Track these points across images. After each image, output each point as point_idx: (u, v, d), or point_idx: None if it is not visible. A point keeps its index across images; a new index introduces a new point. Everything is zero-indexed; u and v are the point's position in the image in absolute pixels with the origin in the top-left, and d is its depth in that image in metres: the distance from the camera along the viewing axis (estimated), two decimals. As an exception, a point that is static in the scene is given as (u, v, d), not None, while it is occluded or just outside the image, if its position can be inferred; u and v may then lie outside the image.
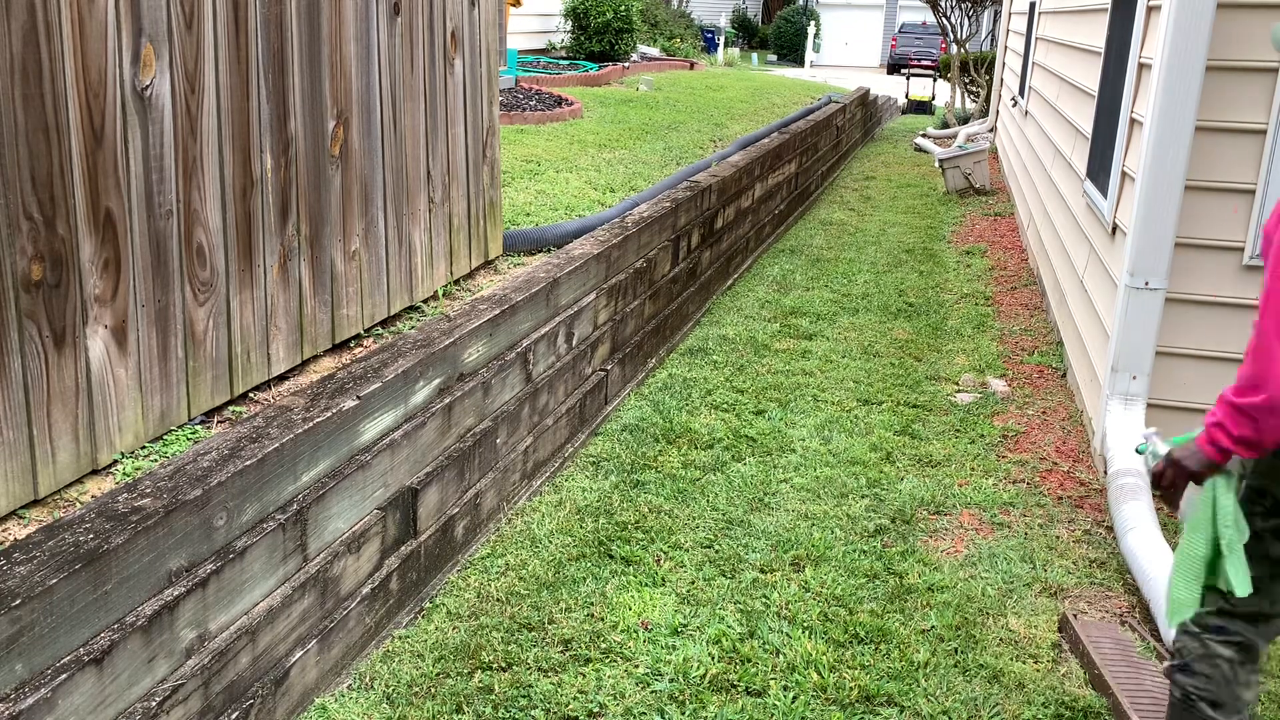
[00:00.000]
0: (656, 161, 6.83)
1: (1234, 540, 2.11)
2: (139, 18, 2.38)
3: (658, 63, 14.34)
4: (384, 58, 3.34)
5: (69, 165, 2.23)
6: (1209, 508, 2.14)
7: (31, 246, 2.16)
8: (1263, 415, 1.99)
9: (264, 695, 2.42)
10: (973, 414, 4.73)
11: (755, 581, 3.28)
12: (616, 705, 2.69)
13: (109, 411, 2.39)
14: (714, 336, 5.69)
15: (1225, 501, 2.12)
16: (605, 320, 4.50)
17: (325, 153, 3.08)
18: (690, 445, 4.28)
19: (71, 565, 1.92)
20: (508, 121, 7.46)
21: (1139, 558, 3.25)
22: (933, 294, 6.74)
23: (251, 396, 2.87)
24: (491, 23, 4.13)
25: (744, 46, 30.17)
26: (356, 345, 3.32)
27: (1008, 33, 12.39)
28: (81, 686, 1.93)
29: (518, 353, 3.66)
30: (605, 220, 4.92)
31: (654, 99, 9.94)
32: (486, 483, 3.47)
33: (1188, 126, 3.69)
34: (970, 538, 3.62)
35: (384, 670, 2.80)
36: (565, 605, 3.11)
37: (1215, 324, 3.91)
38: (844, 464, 4.16)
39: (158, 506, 2.13)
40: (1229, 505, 2.12)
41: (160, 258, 2.50)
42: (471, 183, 4.05)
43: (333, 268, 3.17)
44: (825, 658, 2.89)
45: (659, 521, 3.63)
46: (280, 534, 2.46)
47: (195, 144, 2.58)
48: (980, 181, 10.19)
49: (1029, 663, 2.93)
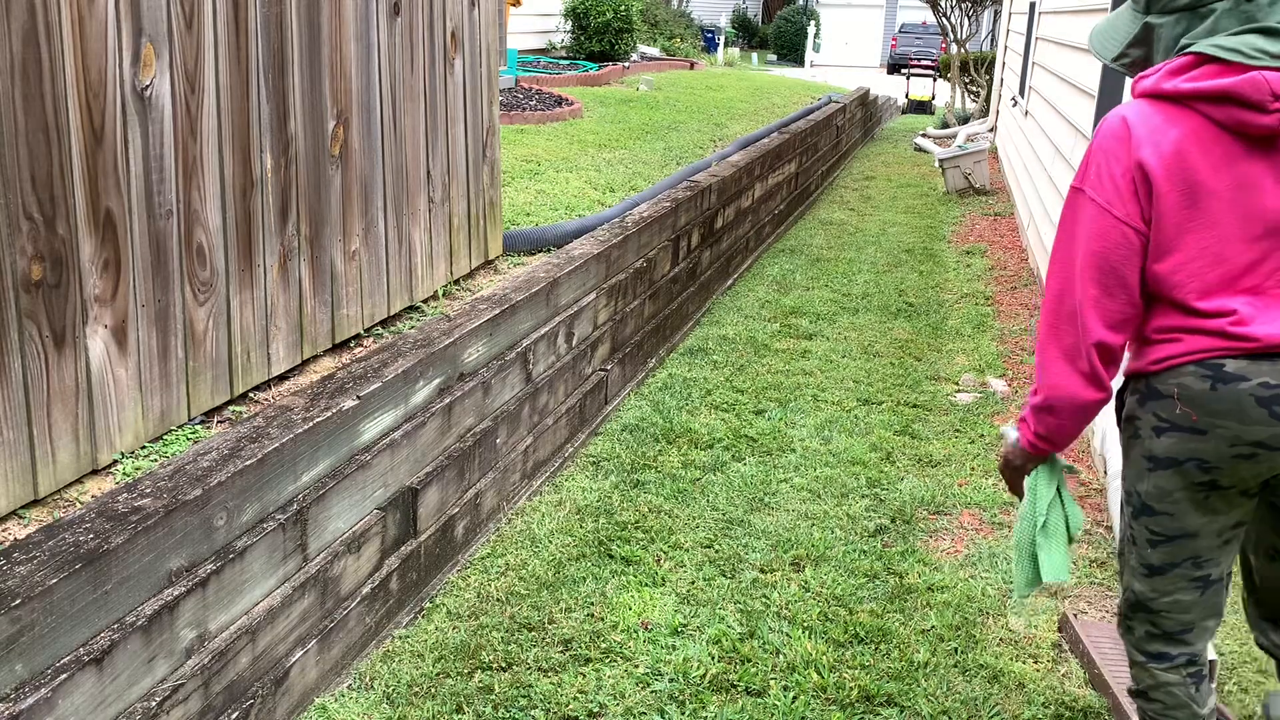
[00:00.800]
0: (656, 161, 6.83)
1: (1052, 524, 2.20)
2: (139, 18, 2.38)
3: (658, 63, 14.34)
4: (384, 57, 3.34)
5: (69, 165, 2.23)
6: (1031, 495, 2.22)
7: (31, 246, 2.16)
8: (1045, 415, 2.07)
9: (264, 695, 2.42)
10: (973, 414, 4.73)
11: (755, 581, 3.28)
12: (616, 705, 2.69)
13: (109, 411, 2.39)
14: (714, 336, 5.70)
15: (1042, 490, 2.21)
16: (605, 320, 4.50)
17: (325, 153, 3.08)
18: (690, 445, 4.28)
19: (71, 565, 1.92)
20: (508, 121, 7.46)
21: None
22: (933, 294, 6.74)
23: (251, 396, 2.87)
24: (491, 22, 4.13)
25: (744, 46, 30.17)
26: (356, 345, 3.32)
27: (1008, 32, 12.39)
28: (81, 686, 1.93)
29: (518, 353, 3.66)
30: (605, 220, 4.92)
31: (654, 99, 9.94)
32: (487, 483, 3.47)
33: (1188, 126, 3.69)
34: (970, 538, 3.62)
35: (384, 670, 2.80)
36: (565, 605, 3.11)
37: (1215, 324, 3.91)
38: (844, 464, 4.16)
39: (158, 506, 2.13)
40: (1046, 494, 2.20)
41: (160, 258, 2.50)
42: (471, 183, 4.05)
43: (333, 268, 3.17)
44: (825, 658, 2.89)
45: (659, 521, 3.63)
46: (280, 534, 2.46)
47: (195, 144, 2.58)
48: (980, 181, 10.19)
49: (1029, 663, 2.93)
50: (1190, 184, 1.89)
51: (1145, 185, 1.91)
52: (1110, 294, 1.96)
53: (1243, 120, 1.86)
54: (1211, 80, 1.87)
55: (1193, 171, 1.89)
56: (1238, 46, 1.87)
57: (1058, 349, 2.02)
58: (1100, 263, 1.95)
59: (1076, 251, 1.98)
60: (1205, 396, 1.92)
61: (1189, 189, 1.90)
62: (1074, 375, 2.00)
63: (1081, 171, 1.99)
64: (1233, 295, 1.92)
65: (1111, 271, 1.95)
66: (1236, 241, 1.91)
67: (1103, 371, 2.00)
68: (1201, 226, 1.91)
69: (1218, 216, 1.90)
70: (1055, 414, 2.05)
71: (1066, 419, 2.05)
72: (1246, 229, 1.90)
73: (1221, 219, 1.90)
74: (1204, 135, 1.89)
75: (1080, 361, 1.99)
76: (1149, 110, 1.93)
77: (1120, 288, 1.96)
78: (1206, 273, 1.92)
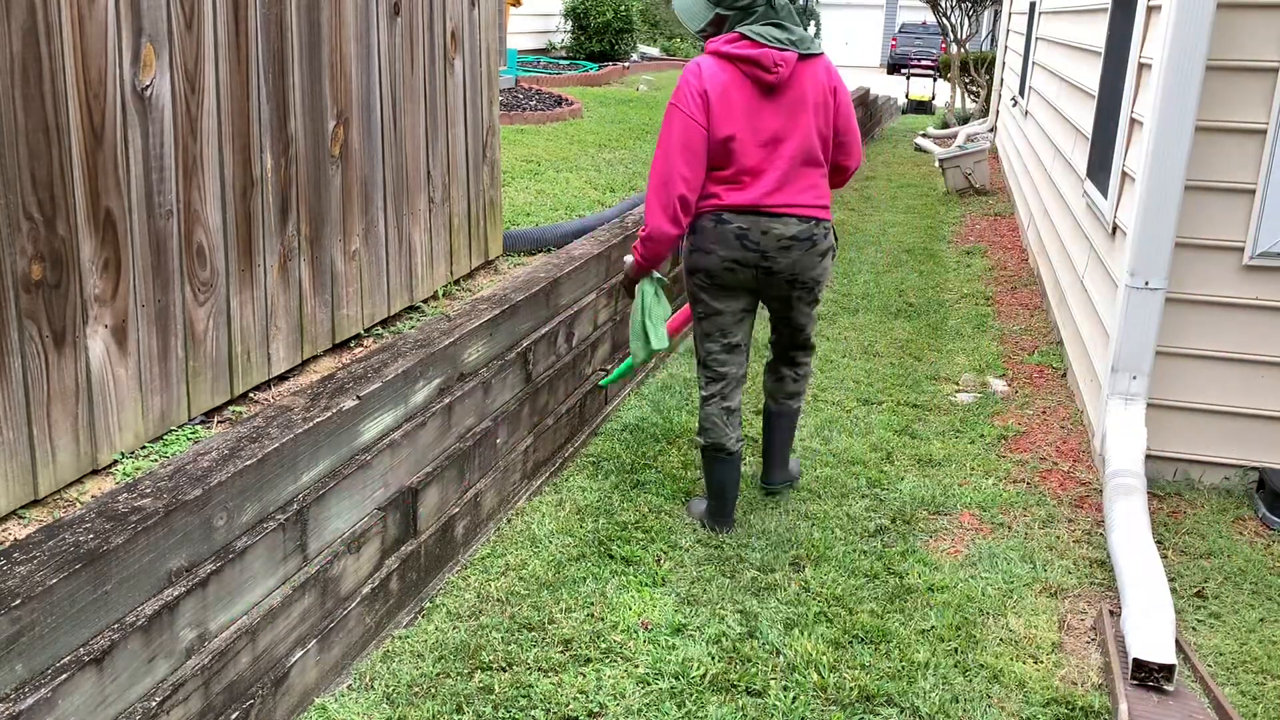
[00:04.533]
0: (656, 161, 6.83)
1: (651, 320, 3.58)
2: (139, 18, 2.38)
3: (658, 63, 14.34)
4: (384, 58, 3.34)
5: (69, 165, 2.23)
6: (640, 297, 3.59)
7: (31, 246, 2.16)
8: (648, 244, 3.32)
9: (264, 695, 2.42)
10: (973, 414, 4.73)
11: (755, 581, 3.28)
12: (617, 705, 2.69)
13: (109, 411, 2.39)
14: (714, 336, 5.69)
15: (647, 291, 3.58)
16: (605, 320, 4.50)
17: (325, 153, 3.08)
18: (690, 445, 4.28)
19: (71, 565, 1.92)
20: (508, 121, 7.46)
21: (1118, 558, 3.25)
22: (933, 294, 6.74)
23: (251, 396, 2.87)
24: (491, 23, 4.13)
25: (744, 46, 30.17)
26: (356, 345, 3.32)
27: (1008, 32, 12.39)
28: (81, 686, 1.93)
29: (518, 353, 3.66)
30: (605, 220, 4.92)
31: (654, 99, 9.94)
32: (487, 483, 3.47)
33: (1188, 126, 3.69)
34: (970, 538, 3.62)
35: (384, 670, 2.80)
36: (565, 605, 3.11)
37: (1215, 324, 3.92)
38: (844, 464, 4.16)
39: (158, 506, 2.13)
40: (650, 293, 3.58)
41: (160, 258, 2.50)
42: (471, 183, 4.05)
43: (333, 268, 3.17)
44: (825, 658, 2.89)
45: (659, 521, 3.63)
46: (280, 534, 2.46)
47: (195, 144, 2.58)
48: (980, 181, 10.19)
49: (1029, 663, 2.93)
50: (729, 105, 3.17)
51: (706, 102, 3.17)
52: (690, 166, 3.18)
53: (758, 76, 3.17)
54: (745, 50, 3.15)
55: (731, 100, 3.17)
56: (761, 33, 3.16)
57: (657, 203, 3.21)
58: (685, 147, 3.18)
59: (672, 142, 3.18)
60: (711, 232, 3.27)
61: (727, 108, 3.17)
62: (665, 219, 3.23)
63: (675, 95, 3.21)
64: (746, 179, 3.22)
65: (693, 152, 3.19)
66: (750, 144, 3.20)
67: (682, 216, 3.23)
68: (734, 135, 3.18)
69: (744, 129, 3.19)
70: (654, 243, 3.30)
71: (661, 246, 3.31)
72: (755, 138, 3.20)
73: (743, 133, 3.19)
74: (738, 80, 3.18)
75: (670, 209, 3.21)
76: (712, 62, 3.20)
77: (698, 162, 3.20)
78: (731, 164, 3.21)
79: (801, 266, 3.30)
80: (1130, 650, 2.79)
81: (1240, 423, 3.97)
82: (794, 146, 3.23)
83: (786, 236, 3.25)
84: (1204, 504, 3.91)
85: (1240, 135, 3.77)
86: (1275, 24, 3.68)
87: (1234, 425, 3.98)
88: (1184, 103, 3.68)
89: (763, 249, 3.25)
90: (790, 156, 3.23)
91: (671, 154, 3.18)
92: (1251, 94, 3.73)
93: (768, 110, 3.19)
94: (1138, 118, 4.09)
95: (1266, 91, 3.71)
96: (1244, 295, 3.87)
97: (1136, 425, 3.88)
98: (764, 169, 3.21)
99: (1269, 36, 3.69)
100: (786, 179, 3.23)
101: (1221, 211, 3.83)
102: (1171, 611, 2.90)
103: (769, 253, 3.25)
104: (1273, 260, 3.80)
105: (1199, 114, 3.70)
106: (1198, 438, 4.03)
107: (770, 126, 3.20)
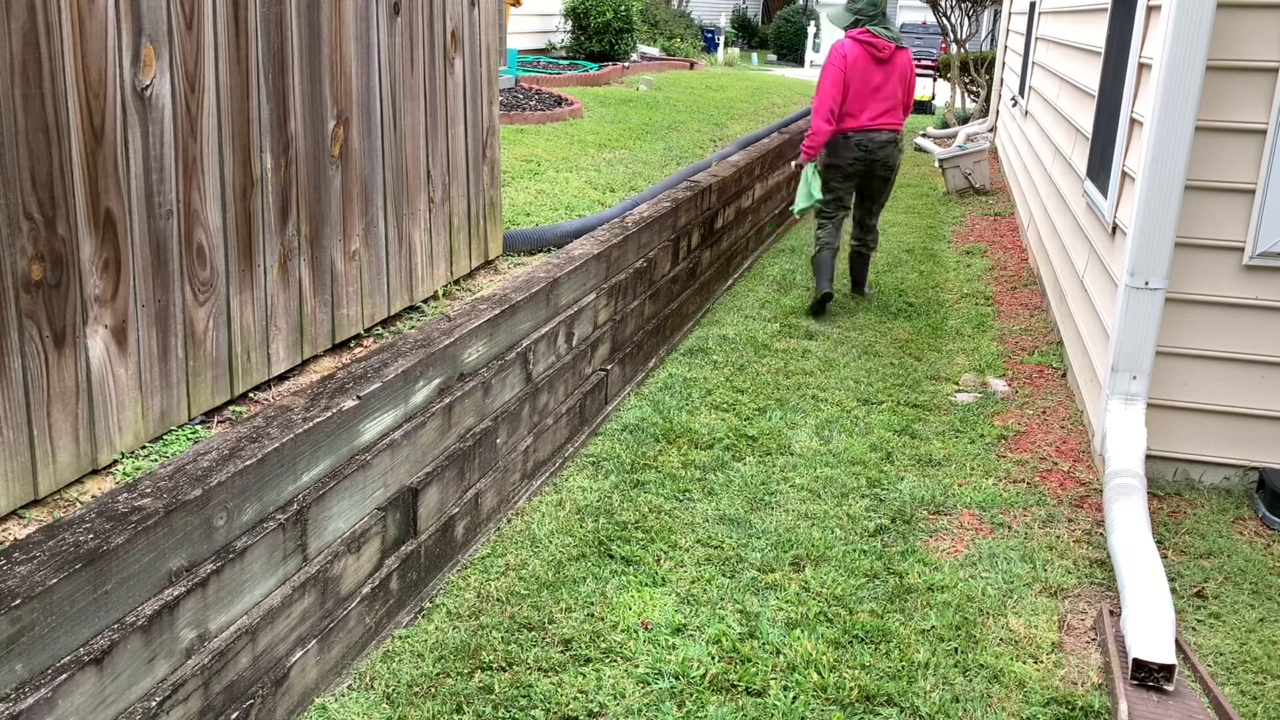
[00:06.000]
0: (656, 161, 6.83)
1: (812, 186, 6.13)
2: (139, 17, 2.38)
3: (658, 63, 14.34)
4: (384, 57, 3.34)
5: (69, 165, 2.23)
6: (805, 176, 6.15)
7: (31, 246, 2.16)
8: (812, 138, 6.03)
9: (264, 695, 2.42)
10: (973, 414, 4.73)
11: (755, 581, 3.28)
12: (617, 705, 2.69)
13: (109, 411, 2.39)
14: (714, 336, 5.70)
15: (809, 170, 6.14)
16: (605, 320, 4.50)
17: (325, 153, 3.08)
18: (690, 445, 4.28)
19: (71, 565, 1.92)
20: (508, 121, 7.46)
21: (1118, 558, 3.25)
22: (933, 294, 6.74)
23: (251, 396, 2.87)
24: (491, 22, 4.13)
25: (744, 46, 30.15)
26: (356, 345, 3.32)
27: (1008, 32, 12.39)
28: (82, 686, 1.93)
29: (518, 353, 3.66)
30: (605, 220, 4.91)
31: (654, 99, 9.94)
32: (487, 483, 3.47)
33: (1188, 126, 3.69)
34: (970, 538, 3.62)
35: (384, 670, 2.80)
36: (565, 605, 3.11)
37: (1215, 324, 3.92)
38: (844, 464, 4.16)
39: (158, 506, 2.13)
40: (809, 171, 6.14)
41: (160, 258, 2.50)
42: (471, 183, 4.05)
43: (333, 268, 3.17)
44: (825, 658, 2.89)
45: (659, 521, 3.63)
46: (280, 534, 2.46)
47: (195, 144, 2.58)
48: (980, 181, 10.18)
49: (1029, 663, 2.93)
50: (857, 69, 5.99)
51: (845, 63, 5.99)
52: (835, 94, 5.95)
53: (873, 53, 6.00)
54: (868, 38, 6.01)
55: (857, 64, 6.00)
56: (876, 30, 6.03)
57: (818, 114, 5.99)
58: (834, 83, 5.96)
59: (827, 80, 5.96)
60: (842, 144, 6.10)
61: (854, 68, 5.99)
62: (822, 120, 5.97)
63: (829, 58, 6.01)
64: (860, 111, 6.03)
65: (838, 86, 5.96)
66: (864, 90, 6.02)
67: (831, 120, 5.97)
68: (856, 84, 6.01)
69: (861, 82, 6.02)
70: (816, 136, 6.02)
71: (819, 139, 6.03)
72: (866, 87, 6.01)
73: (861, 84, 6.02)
74: (862, 54, 6.01)
75: (825, 115, 5.97)
76: (850, 43, 6.02)
77: (839, 92, 5.96)
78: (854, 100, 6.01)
79: (887, 154, 6.10)
80: (1130, 650, 2.79)
81: (1240, 423, 3.97)
82: (887, 93, 6.02)
83: (881, 140, 6.06)
84: (1204, 504, 3.91)
85: (1240, 135, 3.77)
86: (1275, 24, 3.68)
87: (1234, 425, 3.98)
88: (1184, 103, 3.68)
89: (869, 149, 6.06)
90: (885, 98, 6.02)
91: (826, 86, 5.95)
92: (1251, 94, 3.73)
93: (875, 72, 6.00)
94: (1138, 118, 4.09)
95: (1266, 91, 3.71)
96: (1244, 295, 3.87)
97: (1136, 425, 3.88)
98: (870, 105, 6.01)
99: (1269, 36, 3.69)
100: (883, 111, 6.03)
101: (1221, 211, 3.83)
102: (1171, 611, 2.90)
103: (872, 150, 6.06)
104: (1273, 260, 3.80)
105: (1199, 114, 3.70)
106: (1198, 438, 4.03)
107: (874, 81, 6.01)
